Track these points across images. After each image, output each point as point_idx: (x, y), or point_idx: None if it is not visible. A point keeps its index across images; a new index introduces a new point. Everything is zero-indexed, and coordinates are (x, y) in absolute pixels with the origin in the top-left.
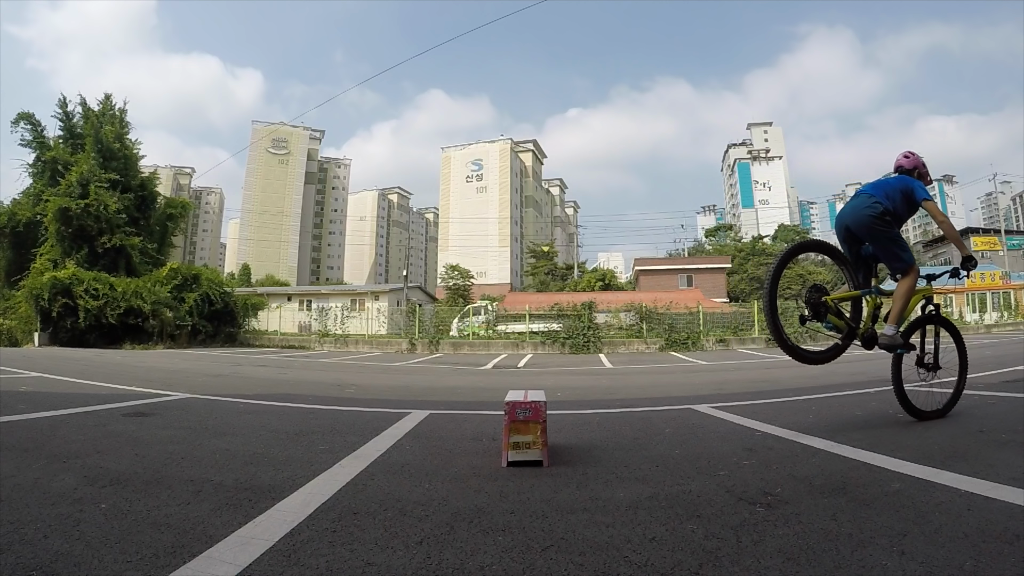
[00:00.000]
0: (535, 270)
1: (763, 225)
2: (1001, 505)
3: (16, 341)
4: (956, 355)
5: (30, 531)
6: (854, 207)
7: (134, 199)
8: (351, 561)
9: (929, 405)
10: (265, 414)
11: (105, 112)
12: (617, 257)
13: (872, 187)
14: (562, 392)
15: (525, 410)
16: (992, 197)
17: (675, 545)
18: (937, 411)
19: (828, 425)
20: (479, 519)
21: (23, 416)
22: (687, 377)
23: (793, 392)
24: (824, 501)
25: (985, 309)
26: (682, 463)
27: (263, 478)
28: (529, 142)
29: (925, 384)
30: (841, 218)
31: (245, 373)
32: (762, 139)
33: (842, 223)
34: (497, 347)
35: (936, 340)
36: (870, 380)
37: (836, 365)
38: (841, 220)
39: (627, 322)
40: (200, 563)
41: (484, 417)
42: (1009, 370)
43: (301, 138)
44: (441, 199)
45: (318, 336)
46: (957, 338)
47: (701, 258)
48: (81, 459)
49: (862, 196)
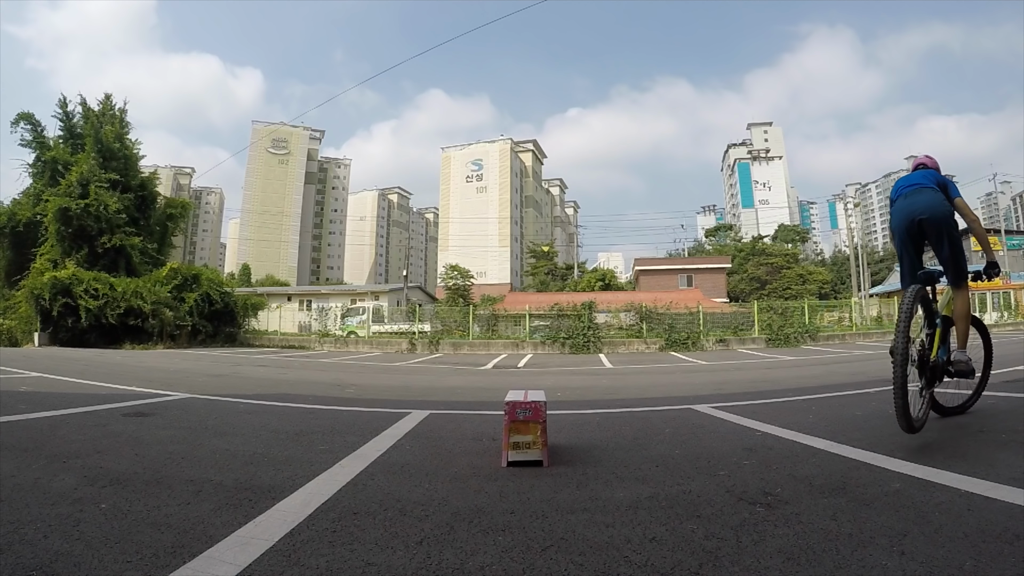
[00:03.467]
0: (535, 270)
1: (763, 225)
2: (1001, 505)
3: (16, 341)
4: (982, 351)
5: (30, 531)
6: (929, 201)
7: (134, 199)
8: (351, 561)
9: (952, 402)
10: (265, 414)
11: (105, 112)
12: (617, 257)
13: (923, 178)
14: (562, 392)
15: (525, 410)
16: (992, 197)
17: (675, 545)
18: (958, 407)
19: (828, 425)
20: (479, 519)
21: (23, 416)
22: (687, 377)
23: (793, 392)
24: (824, 501)
25: (985, 309)
26: (682, 463)
27: (263, 478)
28: (529, 142)
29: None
30: (910, 212)
31: (245, 373)
32: (762, 139)
33: (913, 218)
34: (497, 347)
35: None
36: (870, 380)
37: (836, 365)
38: (911, 215)
39: (627, 322)
40: (200, 563)
41: (484, 417)
42: (1009, 370)
43: (301, 138)
44: (441, 199)
45: (318, 336)
46: (984, 333)
47: (701, 258)
48: (81, 459)
49: (927, 190)
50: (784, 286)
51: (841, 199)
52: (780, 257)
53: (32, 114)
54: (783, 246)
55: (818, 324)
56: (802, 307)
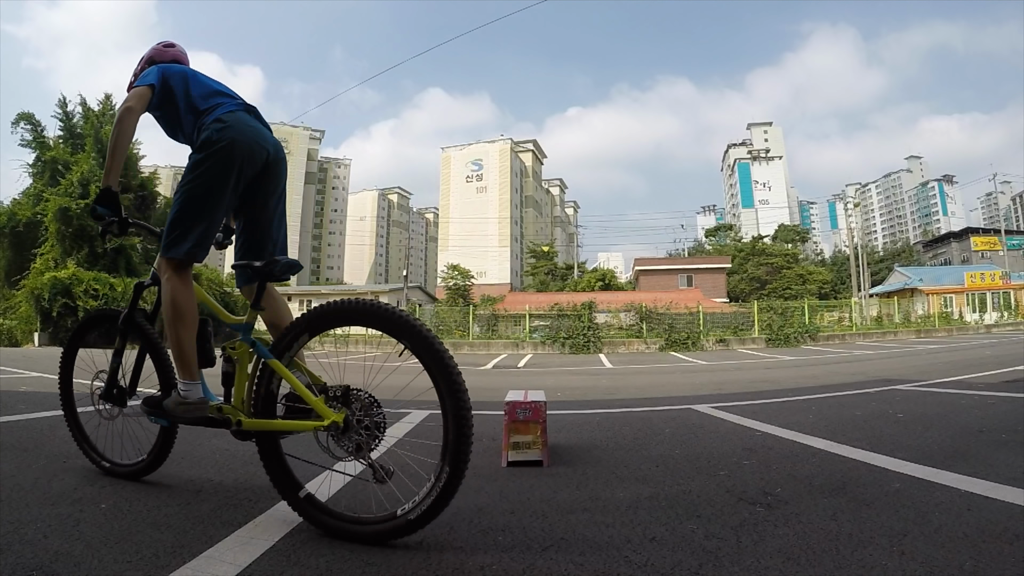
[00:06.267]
0: (535, 270)
1: (763, 225)
2: (1001, 505)
3: (16, 341)
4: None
5: (30, 531)
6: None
7: (134, 199)
8: (351, 561)
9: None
10: None
11: (105, 112)
12: (617, 257)
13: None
14: (562, 392)
15: (525, 410)
16: (992, 197)
17: (675, 545)
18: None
19: (828, 425)
20: (479, 519)
21: (23, 416)
22: (687, 377)
23: (793, 392)
24: (824, 501)
25: (985, 309)
26: (682, 463)
27: (263, 478)
28: (529, 142)
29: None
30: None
31: None
32: (762, 139)
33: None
34: (497, 347)
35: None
36: (870, 380)
37: (836, 365)
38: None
39: (627, 322)
40: (200, 563)
41: (484, 417)
42: (1009, 370)
43: (301, 138)
44: (441, 199)
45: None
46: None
47: (701, 258)
48: (81, 459)
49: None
50: (784, 286)
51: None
52: (780, 257)
53: (32, 114)
54: (783, 246)
55: (818, 324)
56: (802, 307)
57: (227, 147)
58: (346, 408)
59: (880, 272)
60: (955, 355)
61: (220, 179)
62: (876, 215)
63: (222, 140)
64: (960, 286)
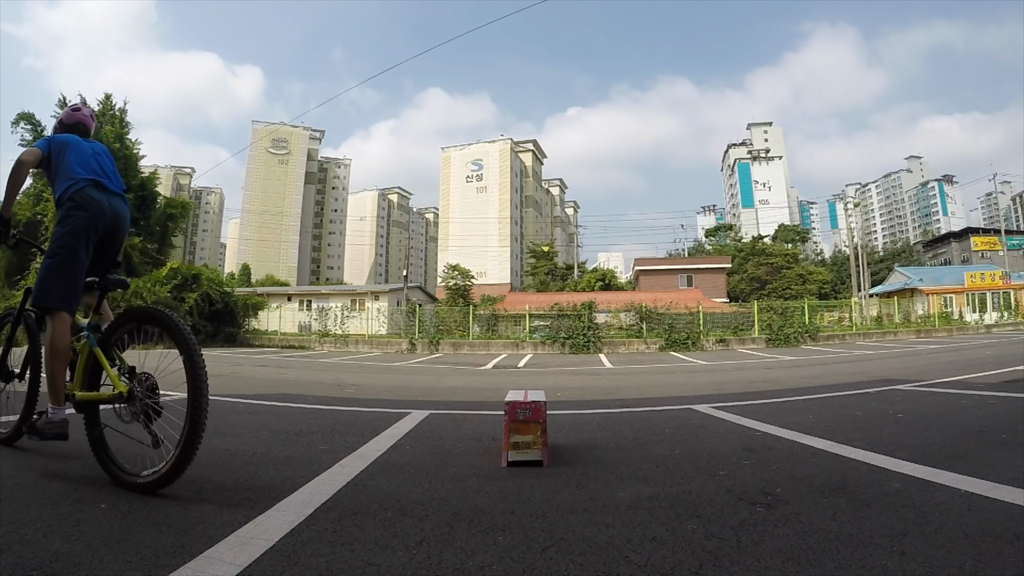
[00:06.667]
0: (535, 270)
1: (763, 225)
2: (1001, 505)
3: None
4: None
5: (30, 531)
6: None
7: (134, 199)
8: (351, 561)
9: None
10: (265, 414)
11: (105, 112)
12: (617, 257)
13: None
14: (562, 392)
15: (525, 410)
16: (992, 197)
17: (675, 545)
18: None
19: (828, 425)
20: (479, 519)
21: None
22: (687, 377)
23: (793, 392)
24: (824, 501)
25: (985, 309)
26: (682, 463)
27: (263, 478)
28: (529, 142)
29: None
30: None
31: (245, 373)
32: (762, 139)
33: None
34: (497, 347)
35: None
36: (870, 380)
37: (836, 365)
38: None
39: (627, 322)
40: (200, 563)
41: (484, 417)
42: (1009, 370)
43: (301, 138)
44: (441, 199)
45: (318, 336)
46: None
47: (701, 258)
48: (81, 459)
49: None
50: (784, 286)
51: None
52: (780, 257)
53: (32, 114)
54: (783, 246)
55: (818, 324)
56: (802, 307)
57: (75, 219)
58: (131, 383)
59: (880, 272)
60: (955, 355)
61: (75, 241)
62: (876, 215)
63: (71, 215)
64: (960, 286)
